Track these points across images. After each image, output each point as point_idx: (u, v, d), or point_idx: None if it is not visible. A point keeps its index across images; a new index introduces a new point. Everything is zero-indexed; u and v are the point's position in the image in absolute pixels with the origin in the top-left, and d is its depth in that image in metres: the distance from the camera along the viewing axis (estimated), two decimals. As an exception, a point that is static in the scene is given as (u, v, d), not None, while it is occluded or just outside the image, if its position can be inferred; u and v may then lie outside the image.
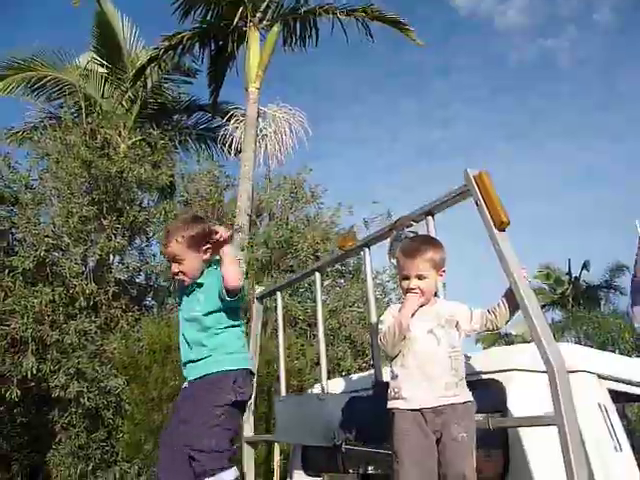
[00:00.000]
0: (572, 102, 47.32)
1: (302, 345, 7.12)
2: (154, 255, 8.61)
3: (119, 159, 7.33)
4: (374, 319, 2.97)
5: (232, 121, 10.48)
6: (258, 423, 5.03)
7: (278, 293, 3.82)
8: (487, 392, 2.63)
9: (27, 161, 8.18)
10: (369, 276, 3.03)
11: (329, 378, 3.40)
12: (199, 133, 12.04)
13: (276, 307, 3.84)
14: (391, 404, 2.23)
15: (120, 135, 8.25)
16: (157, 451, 6.07)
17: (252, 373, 2.61)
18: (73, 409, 6.91)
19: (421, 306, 2.28)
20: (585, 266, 23.14)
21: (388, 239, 2.87)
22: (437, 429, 2.13)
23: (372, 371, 3.47)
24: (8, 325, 6.57)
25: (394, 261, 2.51)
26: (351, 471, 3.03)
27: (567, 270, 23.49)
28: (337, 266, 9.31)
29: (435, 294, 2.37)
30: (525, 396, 2.41)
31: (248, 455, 3.81)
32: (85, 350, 6.94)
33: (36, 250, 6.78)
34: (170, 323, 6.84)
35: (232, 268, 2.44)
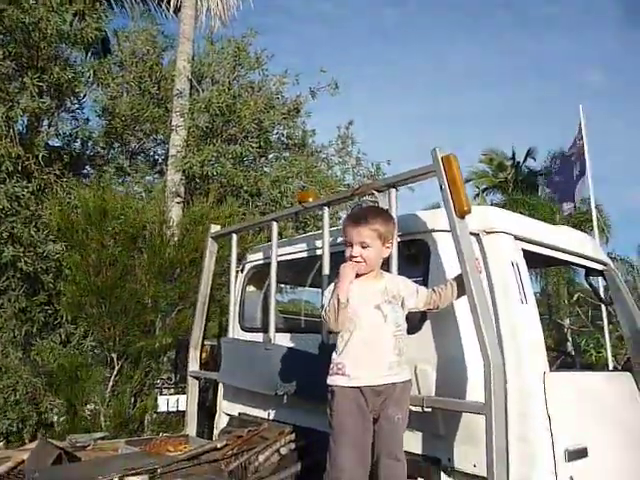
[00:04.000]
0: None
1: (244, 214, 7.15)
2: (87, 119, 8.13)
3: (31, 7, 6.52)
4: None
5: (170, -27, 9.47)
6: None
7: (233, 235, 3.85)
8: (415, 252, 2.78)
9: None
10: (326, 234, 2.97)
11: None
12: (133, -14, 10.86)
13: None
14: (332, 380, 2.17)
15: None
16: (100, 312, 6.19)
17: None
18: (10, 273, 6.85)
19: (361, 275, 2.18)
20: (529, 153, 23.75)
21: (349, 205, 2.85)
22: (376, 409, 2.13)
23: (312, 233, 3.58)
24: None
25: None
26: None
27: (511, 156, 24.08)
28: (283, 139, 9.14)
29: (387, 269, 2.31)
30: (448, 256, 2.55)
31: (192, 387, 3.98)
32: (18, 215, 6.73)
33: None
34: (106, 190, 6.68)
35: None
